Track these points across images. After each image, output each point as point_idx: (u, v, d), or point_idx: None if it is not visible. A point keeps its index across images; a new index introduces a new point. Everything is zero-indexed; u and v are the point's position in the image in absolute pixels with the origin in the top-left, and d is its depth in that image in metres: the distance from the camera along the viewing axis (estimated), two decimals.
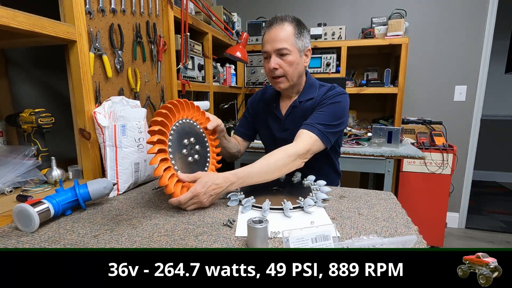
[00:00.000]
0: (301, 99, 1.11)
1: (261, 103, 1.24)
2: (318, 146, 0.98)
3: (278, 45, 1.00)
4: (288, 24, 1.01)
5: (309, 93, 1.11)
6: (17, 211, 0.66)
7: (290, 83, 1.07)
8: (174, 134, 0.85)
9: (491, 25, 2.29)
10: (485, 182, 3.90)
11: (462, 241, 2.36)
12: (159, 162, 0.78)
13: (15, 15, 0.71)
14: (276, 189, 0.94)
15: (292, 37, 1.01)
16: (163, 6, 1.33)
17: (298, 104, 1.11)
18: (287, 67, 1.03)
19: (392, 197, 0.91)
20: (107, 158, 0.94)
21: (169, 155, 0.82)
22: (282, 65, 1.02)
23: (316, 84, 1.13)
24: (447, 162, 2.09)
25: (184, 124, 0.91)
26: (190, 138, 0.91)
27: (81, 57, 0.91)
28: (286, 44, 1.00)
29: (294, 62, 1.02)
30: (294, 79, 1.06)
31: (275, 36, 1.01)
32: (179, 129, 0.88)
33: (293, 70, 1.04)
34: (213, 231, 0.67)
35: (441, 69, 2.44)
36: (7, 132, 1.04)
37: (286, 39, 1.00)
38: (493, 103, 3.76)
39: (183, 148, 0.88)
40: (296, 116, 1.11)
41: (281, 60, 1.02)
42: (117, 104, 0.96)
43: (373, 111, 2.62)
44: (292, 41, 1.01)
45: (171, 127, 0.85)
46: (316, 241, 0.51)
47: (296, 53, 1.03)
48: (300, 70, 1.06)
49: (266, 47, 1.04)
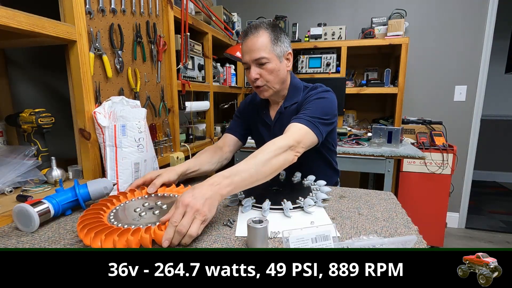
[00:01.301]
0: (286, 104, 1.10)
1: (251, 107, 1.23)
2: (309, 139, 0.93)
3: (255, 55, 0.98)
4: (263, 32, 0.99)
5: (294, 97, 1.10)
6: (17, 211, 0.66)
7: (273, 90, 1.05)
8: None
9: (491, 25, 2.29)
10: (485, 182, 3.90)
11: (462, 241, 2.36)
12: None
13: (15, 15, 0.71)
14: (276, 189, 0.94)
15: (269, 45, 0.99)
16: (163, 6, 1.33)
17: (284, 109, 1.11)
18: (268, 76, 1.01)
19: (392, 197, 0.91)
20: (107, 158, 0.94)
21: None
22: (262, 74, 1.01)
23: (301, 86, 1.12)
24: (447, 162, 2.09)
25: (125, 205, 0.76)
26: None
27: (81, 57, 0.91)
28: (263, 53, 0.98)
29: (274, 69, 1.01)
30: (276, 86, 1.05)
31: (251, 46, 0.99)
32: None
33: (274, 77, 1.02)
34: (213, 231, 0.67)
35: (441, 69, 2.44)
36: (7, 132, 1.04)
37: (263, 47, 0.98)
38: (493, 103, 3.76)
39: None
40: (283, 121, 1.09)
41: (261, 70, 1.01)
42: (117, 104, 0.96)
43: (373, 111, 2.62)
44: (269, 49, 0.99)
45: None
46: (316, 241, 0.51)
47: (275, 60, 1.01)
48: (281, 76, 1.05)
49: (244, 58, 1.02)
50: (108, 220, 0.67)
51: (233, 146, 1.21)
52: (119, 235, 0.58)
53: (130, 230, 0.59)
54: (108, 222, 0.66)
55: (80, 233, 0.59)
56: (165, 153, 1.40)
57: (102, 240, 0.57)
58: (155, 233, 0.59)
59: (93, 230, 0.58)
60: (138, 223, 0.64)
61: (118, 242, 0.57)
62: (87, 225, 0.61)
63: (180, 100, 1.50)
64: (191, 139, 1.70)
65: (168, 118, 1.43)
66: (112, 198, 0.76)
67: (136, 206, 0.74)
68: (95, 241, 0.57)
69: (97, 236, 0.58)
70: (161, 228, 0.60)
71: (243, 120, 1.24)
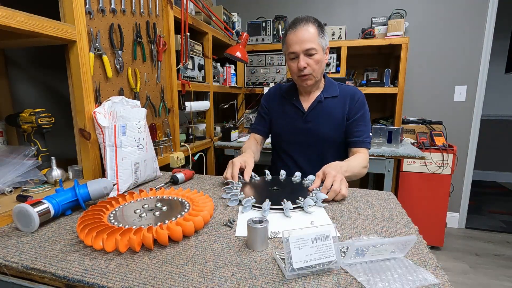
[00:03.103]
0: (325, 95, 1.21)
1: (276, 97, 1.30)
2: None
3: (306, 46, 1.07)
4: (312, 25, 1.08)
5: (332, 90, 1.22)
6: (17, 211, 0.66)
7: (316, 79, 1.16)
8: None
9: (491, 25, 2.29)
10: (485, 182, 3.90)
11: (462, 241, 2.36)
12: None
13: (15, 15, 0.71)
14: (276, 189, 0.94)
15: (317, 37, 1.08)
16: (163, 6, 1.33)
17: (323, 99, 1.21)
18: (315, 65, 1.11)
19: (392, 197, 0.91)
20: (107, 158, 0.93)
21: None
22: (310, 64, 1.10)
23: (334, 81, 1.25)
24: (447, 162, 2.09)
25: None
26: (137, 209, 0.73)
27: (81, 57, 0.91)
28: (313, 44, 1.07)
29: (320, 60, 1.11)
30: (319, 76, 1.16)
31: (302, 37, 1.07)
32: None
33: (319, 67, 1.13)
34: (213, 231, 0.67)
35: (441, 69, 2.44)
36: (7, 132, 1.04)
37: (312, 39, 1.07)
38: (493, 103, 3.76)
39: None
40: (321, 110, 1.21)
41: (310, 59, 1.10)
42: (117, 104, 0.96)
43: (373, 111, 2.59)
44: (317, 41, 1.08)
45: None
46: (316, 241, 0.50)
47: (321, 52, 1.11)
48: (323, 67, 1.16)
49: (293, 48, 1.10)
50: (108, 221, 0.67)
51: (260, 144, 1.36)
52: (121, 234, 0.58)
53: (131, 229, 0.59)
54: (108, 222, 0.66)
55: (81, 233, 0.59)
56: (165, 153, 1.40)
57: (104, 239, 0.57)
58: (157, 232, 0.59)
59: (94, 230, 0.58)
60: (139, 224, 0.64)
61: (120, 242, 0.57)
62: (87, 225, 0.60)
63: (180, 100, 1.50)
64: (191, 139, 1.70)
65: (168, 118, 1.43)
66: (111, 200, 0.76)
67: (136, 208, 0.74)
68: (97, 241, 0.57)
69: (98, 236, 0.58)
70: (163, 228, 0.60)
71: (267, 117, 1.33)
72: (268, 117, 1.33)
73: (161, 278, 0.49)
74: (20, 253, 0.57)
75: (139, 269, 0.52)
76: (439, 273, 0.51)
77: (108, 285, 0.48)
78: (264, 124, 1.34)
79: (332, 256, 0.51)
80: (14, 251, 0.58)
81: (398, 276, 0.49)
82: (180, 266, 0.53)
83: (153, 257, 0.56)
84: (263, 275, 0.50)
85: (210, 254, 0.57)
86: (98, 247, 0.57)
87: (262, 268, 0.53)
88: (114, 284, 0.48)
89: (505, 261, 2.08)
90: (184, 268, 0.52)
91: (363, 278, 0.49)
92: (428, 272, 0.50)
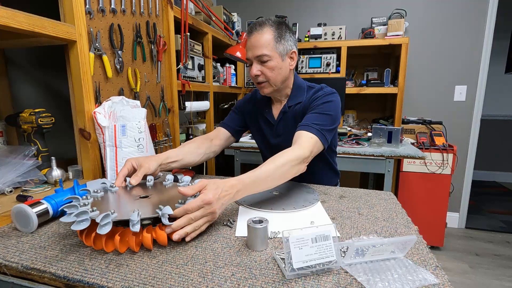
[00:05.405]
0: (290, 103, 1.10)
1: (251, 104, 1.22)
2: (318, 147, 0.95)
3: (257, 52, 0.99)
4: (268, 29, 0.99)
5: (298, 97, 1.10)
6: (15, 211, 0.66)
7: (274, 88, 1.05)
8: None
9: (491, 25, 2.29)
10: (485, 182, 3.90)
11: (462, 241, 2.36)
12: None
13: (15, 15, 0.71)
14: (144, 197, 0.74)
15: (272, 42, 0.99)
16: (163, 6, 1.33)
17: (288, 109, 1.10)
18: (269, 73, 1.01)
19: (392, 197, 0.91)
20: (107, 158, 0.94)
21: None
22: (263, 71, 1.01)
23: (304, 86, 1.12)
24: (447, 162, 2.09)
25: None
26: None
27: (81, 57, 0.91)
28: (265, 50, 0.98)
29: (275, 67, 1.01)
30: (277, 84, 1.05)
31: (255, 43, 1.00)
32: None
33: (276, 75, 1.02)
34: (213, 231, 0.67)
35: (441, 69, 2.44)
36: (7, 132, 1.04)
37: (265, 45, 0.99)
38: (493, 103, 3.76)
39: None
40: (287, 121, 1.10)
41: (263, 66, 1.01)
42: (117, 104, 0.96)
43: (373, 111, 2.62)
44: (272, 46, 0.99)
45: None
46: (316, 241, 0.50)
47: (278, 58, 1.01)
48: (284, 75, 1.04)
49: (247, 54, 1.03)
50: None
51: (224, 140, 1.19)
52: (121, 234, 0.58)
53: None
54: None
55: (81, 233, 0.59)
56: None
57: (104, 239, 0.57)
58: (157, 232, 0.59)
59: (94, 230, 0.58)
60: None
61: (119, 242, 0.57)
62: None
63: (180, 100, 1.50)
64: (191, 139, 1.69)
65: (168, 118, 1.43)
66: None
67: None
68: (96, 241, 0.57)
69: (98, 236, 0.58)
70: (162, 228, 0.60)
71: (240, 116, 1.23)
72: (242, 118, 1.22)
73: (161, 278, 0.49)
74: (20, 253, 0.57)
75: (139, 269, 0.52)
76: (439, 273, 0.51)
77: (108, 285, 0.48)
78: (237, 123, 1.21)
79: (332, 256, 0.51)
80: (14, 251, 0.58)
81: (398, 276, 0.49)
82: (180, 266, 0.53)
83: (153, 257, 0.56)
84: (263, 275, 0.50)
85: (210, 254, 0.57)
86: (98, 247, 0.57)
87: (262, 268, 0.53)
88: (114, 284, 0.48)
89: (505, 261, 2.08)
90: (184, 268, 0.52)
91: (363, 278, 0.49)
92: (428, 272, 0.50)
